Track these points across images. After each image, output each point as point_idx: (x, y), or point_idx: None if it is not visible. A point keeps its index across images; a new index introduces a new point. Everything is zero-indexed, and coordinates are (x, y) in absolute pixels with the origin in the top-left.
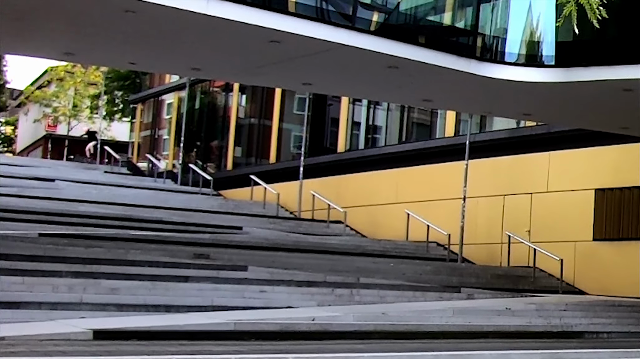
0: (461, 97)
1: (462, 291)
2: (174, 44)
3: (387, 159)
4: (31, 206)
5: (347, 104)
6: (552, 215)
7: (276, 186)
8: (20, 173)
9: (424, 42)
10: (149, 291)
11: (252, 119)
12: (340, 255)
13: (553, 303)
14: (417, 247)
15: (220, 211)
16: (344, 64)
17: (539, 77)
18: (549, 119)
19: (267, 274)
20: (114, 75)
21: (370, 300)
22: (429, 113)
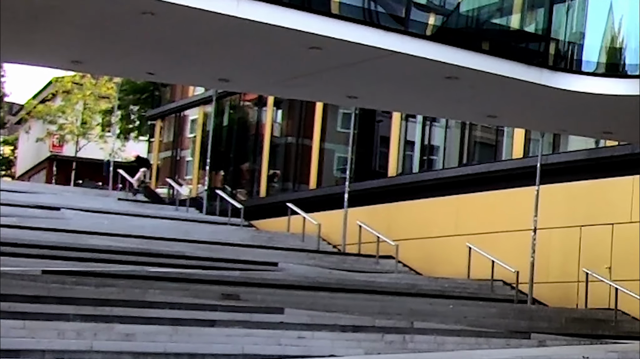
0: (531, 113)
1: (533, 338)
2: (198, 51)
3: (446, 184)
4: (33, 238)
5: (399, 121)
6: (636, 249)
7: (317, 215)
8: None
9: (488, 49)
10: (169, 337)
11: (289, 138)
12: (391, 295)
13: (638, 351)
14: (480, 286)
15: (252, 245)
16: (395, 74)
17: (622, 90)
18: (634, 138)
19: (306, 317)
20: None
21: (426, 348)
22: (494, 132)
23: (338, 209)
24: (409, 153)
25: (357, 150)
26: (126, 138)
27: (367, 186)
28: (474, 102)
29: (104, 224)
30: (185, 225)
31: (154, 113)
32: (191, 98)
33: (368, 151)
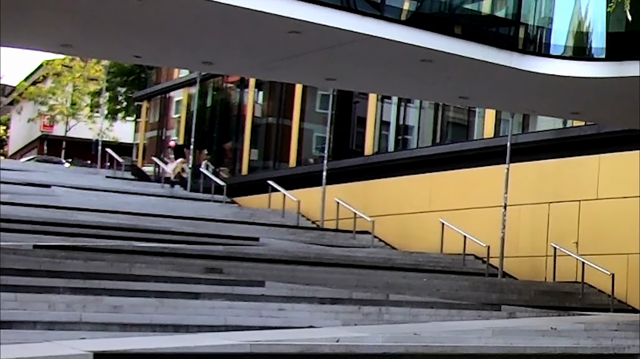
0: (502, 94)
1: (503, 310)
2: (183, 34)
3: (420, 163)
4: (25, 215)
5: (375, 102)
6: (602, 224)
7: (296, 192)
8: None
9: (461, 33)
10: (155, 309)
11: (270, 118)
12: (367, 269)
13: (603, 323)
14: (453, 260)
15: (234, 221)
16: (371, 57)
17: (588, 72)
18: (599, 118)
19: (286, 290)
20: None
21: (401, 319)
22: (465, 112)
23: (317, 186)
24: (384, 133)
25: (335, 130)
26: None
27: (344, 165)
28: (447, 84)
29: (92, 201)
30: (170, 202)
31: (140, 95)
32: (176, 81)
33: (345, 131)
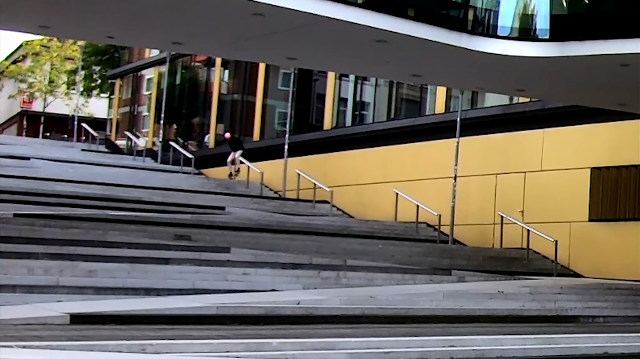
0: (452, 73)
1: (453, 274)
2: (154, 16)
3: (375, 137)
4: (6, 185)
5: (334, 80)
6: (546, 194)
7: (260, 164)
8: None
9: (414, 15)
10: (128, 273)
11: (235, 95)
12: (326, 236)
13: (547, 286)
14: (406, 228)
15: (201, 191)
16: (329, 38)
17: (533, 52)
18: (543, 95)
19: (250, 256)
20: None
21: (358, 283)
22: (418, 89)
23: (279, 159)
24: (342, 109)
25: (296, 106)
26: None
27: (305, 139)
28: (400, 63)
29: (69, 172)
30: (141, 173)
31: (113, 73)
32: (147, 60)
33: (306, 107)
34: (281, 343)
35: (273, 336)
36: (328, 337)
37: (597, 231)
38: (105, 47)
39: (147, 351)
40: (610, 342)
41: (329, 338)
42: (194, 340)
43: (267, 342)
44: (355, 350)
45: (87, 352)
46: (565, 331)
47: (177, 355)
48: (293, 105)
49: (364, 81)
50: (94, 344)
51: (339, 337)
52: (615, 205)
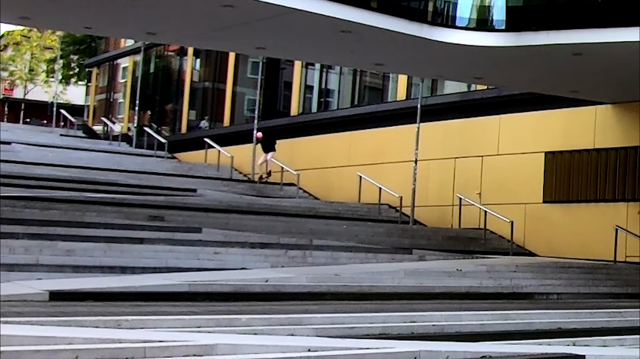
0: (413, 61)
1: (414, 253)
2: (129, 8)
3: (340, 122)
4: None
5: (300, 68)
6: (502, 177)
7: (230, 149)
8: None
9: (376, 7)
10: (104, 252)
11: (206, 83)
12: (293, 217)
13: (503, 265)
14: (369, 209)
15: (174, 174)
16: (296, 29)
17: (490, 42)
18: (500, 83)
19: (221, 236)
20: (69, 40)
21: (323, 262)
22: (381, 77)
23: (248, 143)
24: (308, 96)
25: (264, 93)
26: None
27: (272, 124)
28: (364, 52)
29: (48, 156)
30: (117, 157)
31: (91, 62)
32: (123, 49)
33: (273, 94)
34: (250, 318)
35: (242, 312)
36: (295, 313)
37: (550, 212)
38: (82, 37)
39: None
40: (564, 318)
41: (295, 314)
42: (167, 316)
43: (236, 318)
44: (320, 325)
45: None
46: (520, 307)
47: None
48: (261, 92)
49: (329, 69)
50: (71, 320)
51: (306, 313)
52: (568, 187)
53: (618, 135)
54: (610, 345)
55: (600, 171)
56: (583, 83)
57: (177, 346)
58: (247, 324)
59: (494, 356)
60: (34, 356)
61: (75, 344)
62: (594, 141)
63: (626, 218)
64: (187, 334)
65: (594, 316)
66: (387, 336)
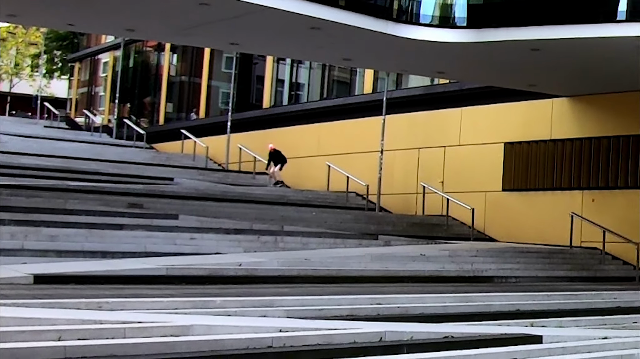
0: (379, 56)
1: (380, 239)
2: (109, 6)
3: (309, 114)
4: None
5: (272, 63)
6: (464, 167)
7: (205, 139)
8: None
9: (344, 5)
10: (86, 238)
11: (183, 77)
12: (265, 204)
13: (465, 250)
14: (338, 197)
15: (152, 164)
16: (268, 25)
17: (452, 38)
18: (461, 77)
19: (196, 222)
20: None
21: (294, 247)
22: (348, 72)
23: (222, 134)
24: (279, 89)
25: (237, 87)
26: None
27: (246, 116)
28: (332, 47)
29: (32, 147)
30: (98, 148)
31: (73, 57)
32: (103, 45)
33: (246, 87)
34: (224, 300)
35: (217, 294)
36: (267, 296)
37: (509, 200)
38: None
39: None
40: (522, 300)
41: (267, 297)
42: (145, 298)
43: (211, 300)
44: (291, 307)
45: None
46: (480, 290)
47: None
48: (235, 85)
49: (299, 64)
50: (55, 302)
51: (277, 296)
52: (526, 176)
53: (574, 126)
54: (566, 326)
55: (557, 161)
56: (540, 77)
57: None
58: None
59: (455, 336)
60: (20, 336)
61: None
62: (550, 132)
63: (581, 205)
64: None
65: (550, 299)
66: (355, 318)
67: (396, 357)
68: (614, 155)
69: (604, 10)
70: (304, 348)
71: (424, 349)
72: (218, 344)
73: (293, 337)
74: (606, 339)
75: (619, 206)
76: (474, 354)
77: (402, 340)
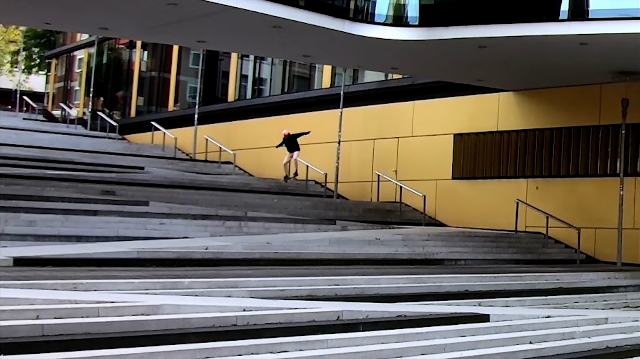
0: (336, 53)
1: (337, 224)
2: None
3: (272, 107)
4: None
5: (237, 59)
6: (416, 156)
7: (174, 131)
8: None
9: (304, 5)
10: (62, 223)
11: (153, 72)
12: (230, 192)
13: (417, 234)
14: (298, 185)
15: (124, 154)
16: (233, 24)
17: (404, 36)
18: (414, 72)
19: (166, 208)
20: (31, 34)
21: (257, 231)
22: (308, 67)
23: (190, 126)
24: (244, 84)
25: (204, 82)
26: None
27: (212, 109)
28: (293, 45)
29: (12, 137)
30: (74, 139)
31: (50, 54)
32: (78, 42)
33: (212, 82)
34: (192, 282)
35: (185, 276)
36: (231, 277)
37: (458, 188)
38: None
39: (78, 289)
40: (470, 281)
41: (232, 278)
42: (118, 279)
43: (180, 281)
44: (254, 288)
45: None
46: (432, 272)
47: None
48: (202, 80)
49: (262, 60)
50: (33, 283)
51: (241, 277)
52: (474, 165)
53: (518, 119)
54: (511, 306)
55: (503, 151)
56: (488, 73)
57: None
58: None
59: (408, 315)
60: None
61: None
62: (497, 124)
63: (526, 192)
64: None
65: (497, 280)
66: (314, 298)
67: (353, 335)
68: (556, 146)
69: (547, 10)
70: (267, 326)
71: (379, 328)
72: (186, 323)
73: (256, 316)
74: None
75: (561, 194)
76: (426, 331)
77: (358, 319)
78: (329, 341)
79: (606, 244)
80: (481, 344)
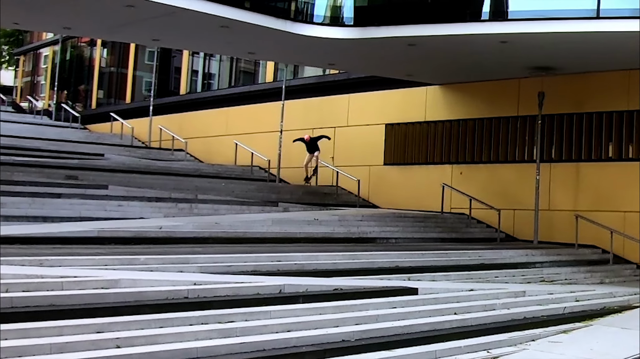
0: (279, 50)
1: (280, 206)
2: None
3: (219, 100)
4: None
5: (188, 56)
6: (351, 144)
7: (131, 121)
8: None
9: (249, 6)
10: (29, 205)
11: (112, 68)
12: (182, 176)
13: (352, 215)
14: (244, 170)
15: (86, 142)
16: (185, 24)
17: (340, 35)
18: (349, 68)
19: (124, 191)
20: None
21: (206, 213)
22: (253, 63)
23: (145, 117)
24: (194, 78)
25: (158, 76)
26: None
27: (165, 101)
28: (239, 43)
29: None
30: (40, 128)
31: (18, 51)
32: (44, 40)
33: (166, 77)
34: (147, 258)
35: (141, 253)
36: (183, 254)
37: (390, 173)
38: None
39: (44, 265)
40: (400, 258)
41: (184, 255)
42: (80, 256)
43: (136, 258)
44: (204, 264)
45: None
46: (365, 249)
47: (67, 268)
48: (156, 75)
49: (211, 57)
50: (3, 260)
51: (192, 254)
52: (404, 152)
53: (444, 110)
54: (438, 280)
55: (430, 139)
56: (416, 69)
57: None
58: (145, 263)
59: (344, 288)
60: None
61: (5, 279)
62: (425, 115)
63: (451, 177)
64: (97, 271)
65: (424, 257)
66: (258, 273)
67: (293, 306)
68: (478, 135)
69: (471, 11)
70: (215, 298)
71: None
72: (142, 296)
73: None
74: (472, 291)
75: (483, 178)
76: (360, 303)
77: (298, 292)
78: (272, 312)
79: (524, 224)
80: (410, 315)
